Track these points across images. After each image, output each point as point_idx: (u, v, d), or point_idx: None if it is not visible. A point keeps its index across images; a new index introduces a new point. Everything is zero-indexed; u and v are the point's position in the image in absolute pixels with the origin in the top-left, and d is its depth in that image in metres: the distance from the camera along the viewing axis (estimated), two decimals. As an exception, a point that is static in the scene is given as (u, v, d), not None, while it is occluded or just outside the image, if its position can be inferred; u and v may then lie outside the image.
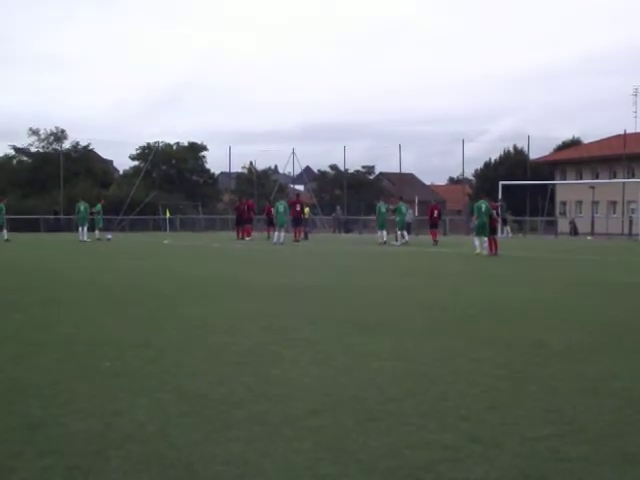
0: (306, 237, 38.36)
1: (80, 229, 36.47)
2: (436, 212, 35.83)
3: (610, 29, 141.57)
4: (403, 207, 34.11)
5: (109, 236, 38.11)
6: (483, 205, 25.28)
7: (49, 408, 4.94)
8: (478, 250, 24.51)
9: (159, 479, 3.64)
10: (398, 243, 32.97)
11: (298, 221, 37.09)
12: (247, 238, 38.02)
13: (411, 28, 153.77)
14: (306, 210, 43.05)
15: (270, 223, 37.12)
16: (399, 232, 33.88)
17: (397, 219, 33.75)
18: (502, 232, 43.28)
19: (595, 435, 4.37)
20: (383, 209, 34.49)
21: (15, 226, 51.58)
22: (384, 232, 34.03)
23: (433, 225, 35.48)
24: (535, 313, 10.04)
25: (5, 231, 35.62)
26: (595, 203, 61.54)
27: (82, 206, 37.14)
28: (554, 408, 4.97)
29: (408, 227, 37.12)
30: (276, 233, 33.82)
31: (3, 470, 3.75)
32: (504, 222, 44.85)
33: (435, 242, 33.25)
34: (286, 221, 35.05)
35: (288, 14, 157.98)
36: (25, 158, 69.06)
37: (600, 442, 4.23)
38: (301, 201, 38.67)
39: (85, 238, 35.50)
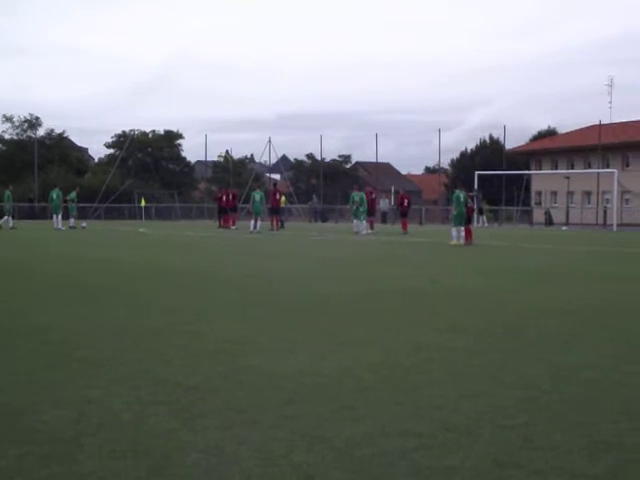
0: (282, 226, 38.39)
1: (55, 217, 36.28)
2: (406, 201, 35.98)
3: (587, 20, 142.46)
4: (356, 197, 34.19)
5: (84, 224, 37.90)
6: (461, 195, 25.39)
7: (24, 396, 4.91)
8: (454, 240, 24.62)
9: (134, 467, 3.63)
10: (363, 232, 33.29)
11: (276, 210, 37.16)
12: (232, 227, 37.99)
13: (389, 17, 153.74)
14: (282, 199, 43.13)
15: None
16: (355, 221, 34.33)
17: (357, 208, 33.96)
18: (478, 222, 43.62)
19: (568, 423, 4.41)
20: (357, 198, 34.51)
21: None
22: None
23: (403, 214, 35.67)
24: (510, 302, 10.11)
25: (10, 218, 35.90)
26: (570, 193, 61.96)
27: (55, 194, 36.95)
28: (528, 397, 5.02)
29: (384, 216, 37.22)
30: (252, 222, 33.83)
31: (-23, 458, 3.73)
32: (480, 212, 45.15)
33: (404, 232, 33.42)
34: (262, 210, 35.06)
35: (265, 1, 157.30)
36: (-1, 145, 68.49)
37: (573, 430, 4.28)
38: (279, 190, 38.74)
39: (60, 226, 35.31)
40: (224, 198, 39.40)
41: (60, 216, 36.23)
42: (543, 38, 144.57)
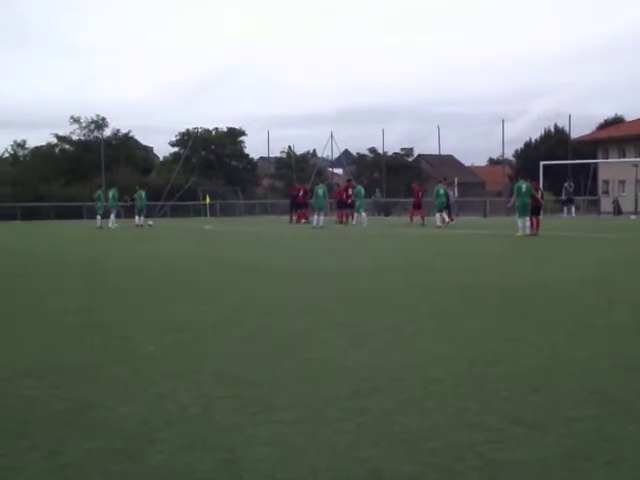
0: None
1: (112, 215, 37.76)
2: (421, 193, 37.00)
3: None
4: (442, 189, 33.93)
5: (150, 222, 38.56)
6: (523, 185, 25.10)
7: (92, 392, 4.99)
8: (520, 231, 24.32)
9: (203, 461, 3.66)
10: (354, 222, 36.03)
11: (349, 205, 38.09)
12: (303, 221, 39.16)
13: (448, 8, 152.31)
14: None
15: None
16: (356, 214, 36.93)
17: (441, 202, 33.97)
18: (569, 212, 45.63)
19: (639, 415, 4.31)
20: (442, 191, 33.63)
21: (59, 213, 52.44)
22: (443, 214, 33.48)
23: (418, 206, 36.27)
24: (577, 292, 9.93)
25: (141, 217, 38.69)
26: (639, 181, 60.53)
27: (110, 193, 38.70)
28: (598, 388, 4.92)
29: (449, 208, 37.06)
30: (315, 217, 33.89)
31: (51, 453, 3.80)
32: (570, 202, 47.21)
33: (422, 223, 34.81)
34: (325, 205, 35.29)
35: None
36: (67, 146, 70.07)
37: (645, 422, 4.18)
38: (352, 185, 39.74)
39: (99, 224, 36.90)
40: (299, 194, 40.75)
41: (113, 215, 37.90)
42: (609, 24, 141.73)
